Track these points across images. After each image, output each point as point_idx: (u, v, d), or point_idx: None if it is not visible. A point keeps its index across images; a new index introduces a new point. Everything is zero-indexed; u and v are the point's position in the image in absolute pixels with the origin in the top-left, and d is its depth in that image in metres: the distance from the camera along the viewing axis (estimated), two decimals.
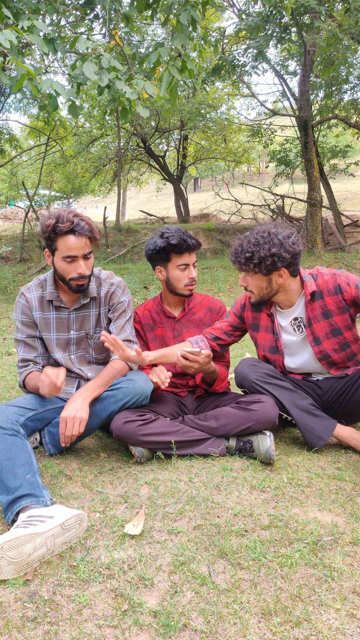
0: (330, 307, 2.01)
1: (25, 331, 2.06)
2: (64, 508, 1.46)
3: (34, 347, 2.06)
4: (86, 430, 1.92)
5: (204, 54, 8.20)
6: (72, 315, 2.07)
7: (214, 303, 2.32)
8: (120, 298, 2.11)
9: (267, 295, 2.04)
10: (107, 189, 17.22)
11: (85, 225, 1.89)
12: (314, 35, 6.82)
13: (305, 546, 1.39)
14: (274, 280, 1.99)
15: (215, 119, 13.78)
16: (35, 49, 8.75)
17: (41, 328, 2.07)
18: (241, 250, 1.98)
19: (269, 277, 1.99)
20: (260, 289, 2.02)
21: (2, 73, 3.35)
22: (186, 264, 2.15)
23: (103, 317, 2.12)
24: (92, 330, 2.10)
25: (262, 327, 2.17)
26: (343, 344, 2.03)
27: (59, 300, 2.05)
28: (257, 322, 2.19)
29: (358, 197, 25.06)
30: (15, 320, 2.08)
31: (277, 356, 2.15)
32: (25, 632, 1.12)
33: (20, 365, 2.05)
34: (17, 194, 19.36)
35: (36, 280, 2.11)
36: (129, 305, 2.14)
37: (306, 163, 9.41)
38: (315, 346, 2.05)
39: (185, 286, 2.18)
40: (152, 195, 29.51)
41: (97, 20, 5.11)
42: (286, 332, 2.13)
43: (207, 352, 1.97)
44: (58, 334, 2.08)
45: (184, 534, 1.46)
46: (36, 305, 2.06)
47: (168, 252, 2.12)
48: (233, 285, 7.42)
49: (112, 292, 2.10)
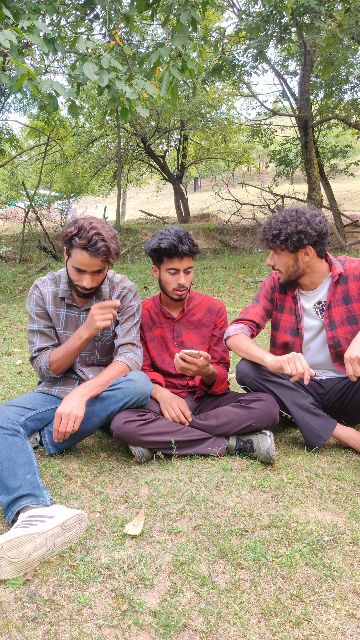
0: (352, 293, 2.05)
1: (41, 322, 2.06)
2: (64, 508, 1.46)
3: (50, 337, 2.07)
4: (86, 430, 1.92)
5: (204, 54, 8.21)
6: (82, 315, 2.09)
7: (213, 304, 2.32)
8: (131, 302, 2.13)
9: (295, 274, 2.07)
10: (107, 189, 17.22)
11: (101, 248, 1.85)
12: (314, 35, 6.82)
13: (305, 546, 1.39)
14: (300, 258, 2.03)
15: (215, 119, 13.78)
16: (35, 49, 8.75)
17: (53, 322, 2.08)
18: (269, 228, 2.03)
19: (295, 255, 2.03)
20: (287, 267, 2.06)
21: (2, 73, 3.35)
22: (176, 269, 2.12)
23: (112, 320, 2.12)
24: (100, 332, 2.10)
25: (287, 309, 2.20)
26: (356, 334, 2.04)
27: (71, 299, 2.07)
28: (283, 304, 2.22)
29: (358, 197, 25.06)
30: (29, 312, 2.09)
31: (297, 339, 2.17)
32: (25, 632, 1.12)
33: (34, 355, 2.04)
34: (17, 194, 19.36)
35: (50, 275, 2.12)
36: (137, 310, 2.16)
37: (306, 163, 9.41)
38: (330, 330, 2.07)
39: (173, 290, 2.16)
40: (152, 195, 29.51)
41: (97, 20, 5.11)
42: (308, 316, 2.15)
43: (206, 354, 1.96)
44: (66, 331, 2.09)
45: (184, 534, 1.46)
46: (50, 300, 2.07)
47: (160, 254, 2.11)
48: (233, 285, 7.42)
49: (123, 296, 2.13)
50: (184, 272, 2.14)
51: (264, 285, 2.26)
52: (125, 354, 2.04)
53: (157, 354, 2.25)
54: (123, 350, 2.07)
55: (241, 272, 8.39)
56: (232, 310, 5.40)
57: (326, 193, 10.69)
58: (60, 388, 2.08)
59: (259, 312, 2.20)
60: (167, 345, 2.25)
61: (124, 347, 2.07)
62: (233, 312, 5.28)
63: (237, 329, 2.12)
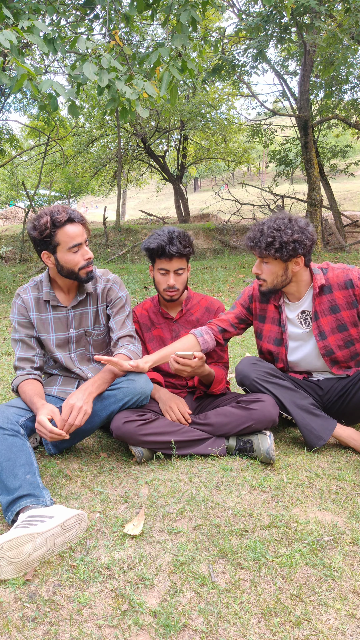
0: (339, 302, 2.02)
1: (23, 331, 2.05)
2: (64, 508, 1.46)
3: (31, 346, 2.05)
4: (86, 430, 1.92)
5: (204, 54, 8.20)
6: (70, 314, 2.07)
7: (211, 303, 2.32)
8: (118, 294, 2.11)
9: (281, 283, 2.03)
10: (107, 189, 17.22)
11: (76, 213, 1.94)
12: (314, 35, 6.81)
13: (305, 546, 1.39)
14: (290, 268, 2.00)
15: (215, 119, 13.78)
16: (35, 49, 8.75)
17: (38, 329, 2.06)
18: (261, 235, 1.97)
19: (286, 265, 1.99)
20: (276, 276, 2.01)
21: (2, 73, 3.35)
22: (166, 269, 2.12)
23: (101, 313, 2.12)
24: (90, 327, 2.10)
25: (269, 319, 2.17)
26: (348, 340, 2.03)
27: (56, 300, 2.05)
28: (264, 314, 2.19)
29: (358, 197, 25.06)
30: (12, 320, 2.08)
31: (281, 348, 2.15)
32: (25, 632, 1.12)
33: (17, 366, 2.04)
34: (17, 194, 19.38)
35: (32, 281, 2.11)
36: (127, 300, 2.14)
37: (306, 163, 9.40)
38: (320, 341, 2.05)
39: (164, 291, 2.16)
40: (152, 195, 29.50)
41: (97, 20, 5.10)
42: (292, 325, 2.13)
43: (200, 355, 1.96)
44: (57, 333, 2.07)
45: (184, 534, 1.46)
46: (33, 306, 2.05)
47: (151, 254, 2.12)
48: (233, 285, 7.42)
49: (109, 288, 2.11)
50: (175, 273, 2.13)
51: (243, 293, 2.25)
52: (127, 346, 2.02)
53: None
54: (123, 342, 2.04)
55: (241, 272, 8.39)
56: None
57: (326, 193, 10.69)
58: (59, 388, 2.08)
59: (229, 319, 2.20)
60: (166, 346, 2.25)
61: (123, 339, 2.05)
62: None
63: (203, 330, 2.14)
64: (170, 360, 1.96)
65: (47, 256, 1.96)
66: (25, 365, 2.02)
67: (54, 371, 2.12)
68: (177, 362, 1.95)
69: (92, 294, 2.10)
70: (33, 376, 1.99)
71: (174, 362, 1.95)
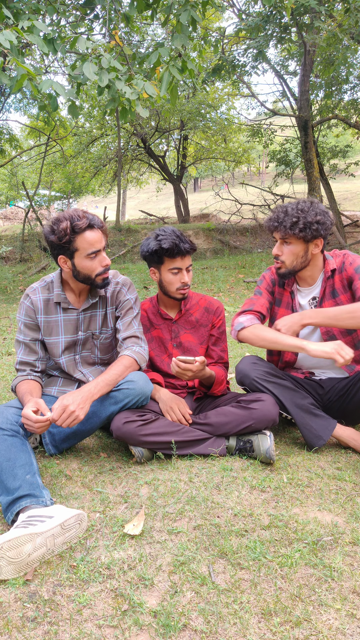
0: (337, 286, 2.08)
1: (28, 333, 2.03)
2: (63, 508, 1.46)
3: (34, 351, 2.04)
4: (86, 430, 1.92)
5: (204, 54, 8.20)
6: (80, 316, 2.05)
7: (211, 303, 2.31)
8: (126, 296, 2.10)
9: (300, 265, 2.06)
10: (107, 189, 17.22)
11: (96, 219, 1.92)
12: (314, 35, 6.82)
13: (305, 546, 1.39)
14: (311, 250, 2.04)
15: (215, 119, 13.79)
16: (35, 49, 8.74)
17: (45, 332, 2.03)
18: (285, 216, 2.02)
19: (307, 246, 2.03)
20: (296, 257, 2.04)
21: (2, 73, 3.35)
22: (179, 268, 2.11)
23: (110, 316, 2.10)
24: (98, 330, 2.09)
25: (284, 303, 2.21)
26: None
27: (67, 302, 2.03)
28: (281, 298, 2.22)
29: (358, 197, 25.06)
30: (18, 321, 2.05)
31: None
32: (25, 632, 1.12)
33: (17, 368, 2.03)
34: (17, 194, 19.37)
35: (42, 282, 2.07)
36: (135, 302, 2.12)
37: (306, 163, 9.41)
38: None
39: (177, 290, 2.15)
40: (152, 195, 29.51)
41: (97, 20, 5.11)
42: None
43: (202, 359, 1.95)
44: (66, 336, 2.04)
45: (184, 534, 1.46)
46: (41, 308, 2.02)
47: (161, 255, 2.09)
48: (233, 286, 7.42)
49: (118, 291, 2.09)
50: (186, 270, 2.14)
51: (264, 278, 2.24)
52: (131, 348, 1.99)
53: (155, 355, 2.25)
54: (128, 343, 2.02)
55: (241, 272, 8.39)
56: (231, 310, 5.40)
57: (326, 193, 10.68)
58: (59, 388, 2.08)
59: (265, 304, 2.18)
60: (166, 346, 2.24)
61: (128, 340, 2.03)
62: (233, 312, 5.28)
63: (251, 319, 2.08)
64: (172, 364, 1.96)
65: (64, 261, 1.92)
66: (26, 368, 2.02)
67: (54, 372, 2.12)
68: (178, 366, 1.94)
69: (103, 297, 2.09)
70: (32, 377, 1.99)
71: (175, 366, 1.94)
